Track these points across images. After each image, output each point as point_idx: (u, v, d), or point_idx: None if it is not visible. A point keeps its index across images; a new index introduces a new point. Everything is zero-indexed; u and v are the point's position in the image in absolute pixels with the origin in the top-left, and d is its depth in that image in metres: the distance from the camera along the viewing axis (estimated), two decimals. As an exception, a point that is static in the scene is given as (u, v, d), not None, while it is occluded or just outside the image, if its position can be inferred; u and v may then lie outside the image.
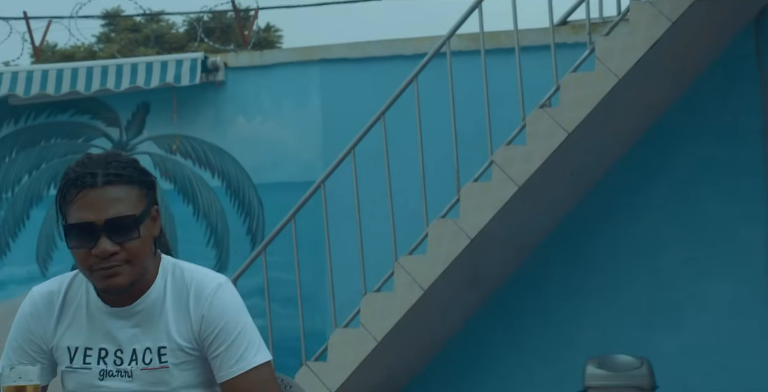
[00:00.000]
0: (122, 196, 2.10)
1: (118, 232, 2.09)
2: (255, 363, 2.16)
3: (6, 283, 7.10)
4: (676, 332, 6.12)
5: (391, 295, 5.74)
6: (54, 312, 2.20)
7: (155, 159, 7.04)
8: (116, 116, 7.16)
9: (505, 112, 5.96)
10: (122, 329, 2.16)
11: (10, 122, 7.28)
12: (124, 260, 2.10)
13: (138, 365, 2.16)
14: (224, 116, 6.97)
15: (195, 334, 2.16)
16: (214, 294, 2.17)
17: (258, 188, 6.86)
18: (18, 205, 7.24)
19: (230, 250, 6.86)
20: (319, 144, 6.72)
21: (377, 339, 5.71)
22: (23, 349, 2.21)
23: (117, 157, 2.15)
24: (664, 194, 6.25)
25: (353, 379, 5.75)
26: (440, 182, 6.03)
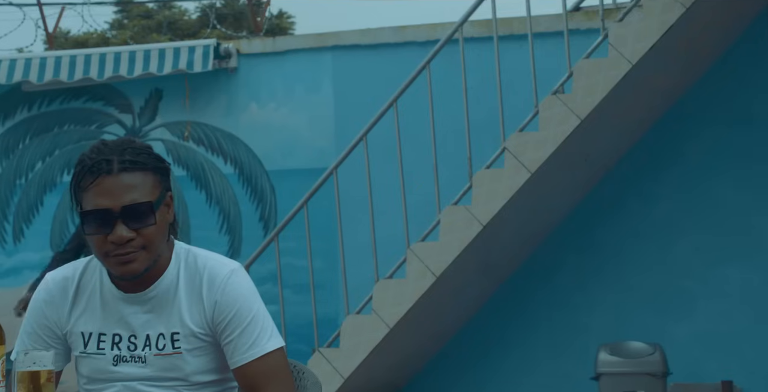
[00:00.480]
0: (138, 183, 2.11)
1: (134, 219, 2.10)
2: (268, 348, 2.17)
3: (20, 269, 7.13)
4: (689, 319, 6.11)
5: (404, 282, 5.75)
6: (68, 298, 2.22)
7: (168, 145, 7.06)
8: (129, 103, 7.17)
9: (518, 98, 5.95)
10: (136, 315, 2.17)
11: (24, 108, 7.30)
12: (140, 246, 2.11)
13: (151, 351, 2.17)
14: (237, 103, 6.98)
15: (208, 320, 2.17)
16: (227, 280, 2.18)
17: (270, 175, 6.87)
18: (32, 191, 7.27)
19: (243, 237, 6.88)
20: (331, 130, 6.72)
21: (389, 326, 5.72)
22: (38, 335, 2.22)
23: (132, 144, 2.16)
24: (677, 181, 6.23)
25: (365, 365, 5.77)
26: (453, 169, 6.02)
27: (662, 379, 5.38)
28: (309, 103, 6.83)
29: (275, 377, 2.16)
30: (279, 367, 2.18)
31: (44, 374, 1.85)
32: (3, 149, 7.31)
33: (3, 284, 6.71)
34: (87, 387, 2.23)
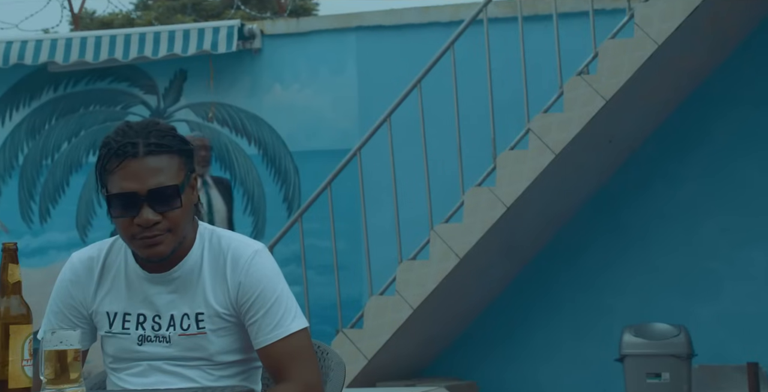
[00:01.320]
0: (163, 166, 2.12)
1: (160, 202, 2.10)
2: (292, 329, 2.18)
3: (46, 249, 7.19)
4: (714, 300, 6.09)
5: (427, 263, 5.75)
6: (93, 277, 2.23)
7: (192, 126, 7.07)
8: (154, 83, 7.19)
9: (543, 79, 5.92)
10: (160, 295, 2.19)
11: (50, 89, 7.34)
12: (166, 229, 2.12)
13: (176, 331, 2.18)
14: (261, 84, 6.98)
15: (232, 301, 2.18)
16: (250, 261, 2.19)
17: (294, 156, 6.87)
18: (58, 172, 7.31)
19: (267, 218, 6.90)
20: (355, 111, 6.72)
21: (413, 307, 5.73)
22: (63, 314, 2.24)
23: (156, 126, 2.16)
24: (702, 163, 6.20)
25: (389, 346, 5.78)
26: (476, 150, 6.01)
27: (687, 361, 5.37)
28: (333, 84, 6.82)
29: (299, 357, 2.17)
30: (303, 348, 2.19)
31: (71, 353, 1.87)
32: (29, 130, 7.36)
33: (29, 264, 6.76)
34: (112, 366, 2.24)
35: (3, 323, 1.80)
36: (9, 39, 7.25)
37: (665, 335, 5.43)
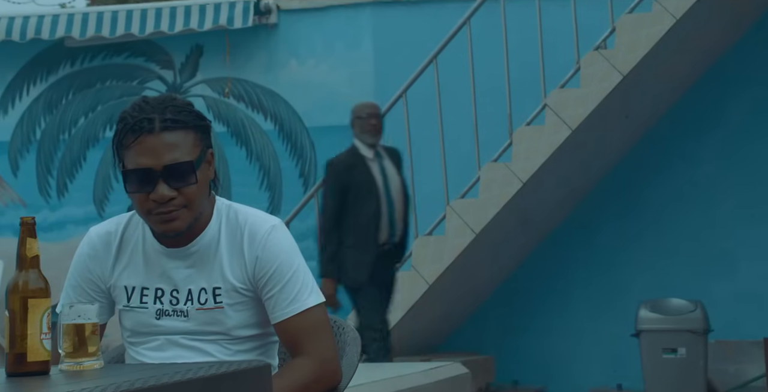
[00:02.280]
0: (179, 142, 2.12)
1: (175, 178, 2.11)
2: (308, 304, 2.19)
3: (64, 223, 7.23)
4: (730, 279, 6.08)
5: (443, 239, 5.76)
6: (111, 252, 2.24)
7: (209, 102, 7.08)
8: (170, 59, 7.19)
9: (560, 54, 5.89)
10: (177, 269, 2.20)
11: (67, 64, 7.35)
12: (181, 205, 2.13)
13: (193, 305, 2.19)
14: (277, 59, 6.97)
15: (249, 275, 2.19)
16: (267, 235, 2.19)
17: (310, 131, 6.87)
18: (75, 147, 7.34)
19: (283, 193, 6.91)
20: (371, 87, 6.70)
21: (429, 282, 5.74)
22: (82, 288, 2.25)
23: (173, 101, 2.16)
24: (718, 142, 6.16)
25: (405, 321, 5.80)
26: (492, 125, 6.00)
27: (703, 336, 5.37)
28: (349, 60, 6.80)
29: (315, 332, 2.18)
30: (319, 322, 2.20)
31: (89, 327, 1.88)
32: (46, 104, 7.38)
33: (47, 238, 6.79)
34: (131, 340, 2.26)
35: (21, 297, 1.82)
36: (26, 14, 7.26)
37: (681, 310, 5.43)
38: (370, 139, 5.22)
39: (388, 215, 5.14)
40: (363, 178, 5.13)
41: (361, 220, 5.09)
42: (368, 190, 5.11)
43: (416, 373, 4.77)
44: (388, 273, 5.22)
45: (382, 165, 5.22)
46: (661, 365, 5.37)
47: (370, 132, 5.20)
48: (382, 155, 5.27)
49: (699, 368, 5.34)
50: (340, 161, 5.20)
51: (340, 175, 5.13)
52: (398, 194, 5.21)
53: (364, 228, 5.08)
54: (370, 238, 5.09)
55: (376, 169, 5.18)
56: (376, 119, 5.24)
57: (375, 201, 5.11)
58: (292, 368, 2.17)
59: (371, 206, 5.10)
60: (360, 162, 5.17)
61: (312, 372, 2.15)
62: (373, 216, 5.09)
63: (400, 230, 5.21)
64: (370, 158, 5.20)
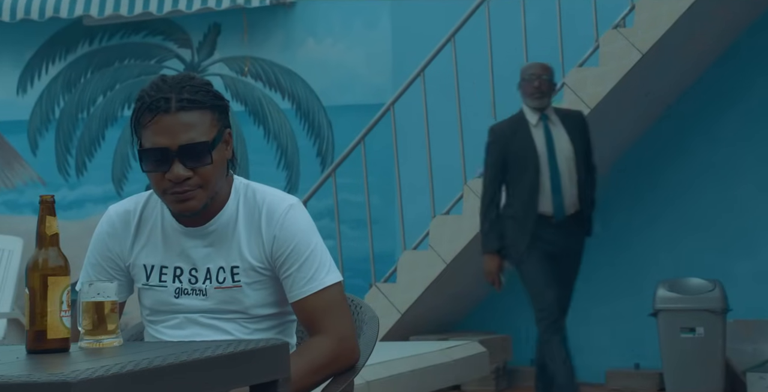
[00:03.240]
0: (195, 122, 2.12)
1: (191, 158, 2.11)
2: (326, 283, 2.19)
3: (83, 202, 7.26)
4: (751, 258, 6.05)
5: (460, 218, 5.76)
6: (130, 230, 2.25)
7: (226, 81, 7.08)
8: (188, 37, 7.19)
9: (578, 32, 5.86)
10: (196, 248, 2.20)
11: (85, 43, 7.36)
12: (197, 185, 2.13)
13: (212, 284, 2.20)
14: (294, 38, 6.96)
15: (267, 254, 2.20)
16: (285, 214, 2.20)
17: (328, 110, 6.87)
18: (93, 125, 7.36)
19: (300, 172, 6.92)
20: (389, 66, 6.69)
21: (446, 262, 5.74)
22: (101, 266, 2.27)
23: (191, 81, 2.16)
24: (739, 119, 6.12)
25: (422, 300, 5.81)
26: (511, 104, 5.97)
27: (722, 315, 5.36)
28: (366, 39, 6.79)
29: (333, 311, 2.19)
30: (337, 301, 2.20)
31: (108, 305, 1.89)
32: (65, 83, 7.39)
33: (66, 217, 6.83)
34: (149, 318, 2.27)
35: (41, 274, 1.83)
36: (44, -7, 7.26)
37: (700, 290, 5.42)
38: (534, 102, 4.77)
39: (552, 185, 4.72)
40: (522, 145, 4.72)
41: (520, 192, 4.71)
42: (527, 158, 4.71)
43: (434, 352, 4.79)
44: (559, 247, 4.76)
45: (548, 131, 4.76)
46: (679, 344, 5.36)
47: (532, 95, 4.77)
48: (551, 120, 4.80)
49: (717, 347, 5.34)
50: (500, 128, 4.82)
51: (498, 143, 4.75)
52: (568, 162, 4.76)
53: (523, 200, 4.70)
54: (529, 210, 4.70)
55: (539, 136, 4.75)
56: (539, 81, 4.77)
57: (534, 170, 4.70)
58: (309, 346, 2.18)
59: (530, 176, 4.70)
60: (522, 128, 4.75)
61: (330, 351, 2.16)
62: (532, 187, 4.69)
63: (572, 201, 4.75)
64: (534, 124, 4.77)
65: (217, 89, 2.20)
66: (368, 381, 4.04)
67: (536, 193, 4.70)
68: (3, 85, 7.42)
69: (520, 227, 4.71)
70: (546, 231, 4.72)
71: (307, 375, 2.13)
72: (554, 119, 4.81)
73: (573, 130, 4.81)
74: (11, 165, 7.42)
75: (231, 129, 2.21)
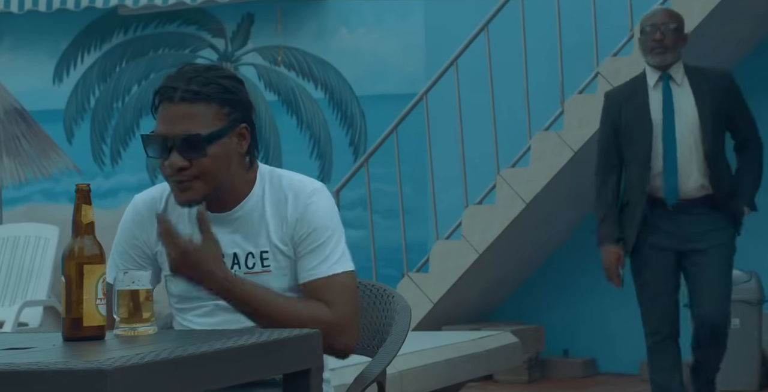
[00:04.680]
0: (196, 114, 2.14)
1: (185, 149, 2.14)
2: (335, 270, 2.19)
3: (117, 191, 7.31)
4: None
5: (493, 208, 5.74)
6: (156, 218, 2.26)
7: (260, 70, 7.10)
8: (221, 27, 7.21)
9: (612, 21, 5.81)
10: (221, 235, 2.21)
11: (120, 32, 7.40)
12: (194, 176, 2.15)
13: (241, 269, 2.21)
14: (327, 27, 6.96)
15: (289, 236, 2.21)
16: (310, 197, 2.21)
17: (360, 100, 6.87)
18: (128, 115, 7.40)
19: (333, 162, 6.92)
20: (421, 55, 6.67)
21: (478, 252, 5.74)
22: (128, 254, 2.28)
23: (207, 72, 2.16)
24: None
25: (454, 290, 5.81)
26: (544, 94, 5.95)
27: (757, 307, 5.32)
28: (399, 28, 6.77)
29: (339, 297, 2.17)
30: (345, 289, 2.19)
31: (143, 293, 1.91)
32: (100, 73, 7.44)
33: (101, 205, 6.88)
34: (178, 306, 2.28)
35: (77, 263, 1.85)
36: (79, -17, 7.31)
37: (735, 281, 5.35)
38: (655, 59, 3.89)
39: (666, 161, 3.85)
40: (636, 112, 3.90)
41: (632, 170, 3.92)
42: (640, 128, 3.87)
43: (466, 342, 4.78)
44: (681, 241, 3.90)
45: (667, 94, 3.89)
46: (712, 336, 5.32)
47: (653, 50, 3.88)
48: (674, 80, 3.92)
49: (753, 339, 5.30)
50: (615, 92, 4.07)
51: (610, 109, 3.96)
52: (691, 132, 3.86)
53: (633, 180, 3.90)
54: (639, 193, 3.87)
55: (656, 100, 3.90)
56: (661, 32, 3.87)
57: (645, 143, 3.85)
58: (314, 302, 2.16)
59: (641, 150, 3.86)
60: (639, 91, 3.92)
61: (326, 317, 2.13)
62: (642, 164, 3.86)
63: (695, 181, 3.87)
64: (652, 85, 3.92)
65: (236, 84, 2.17)
66: (400, 370, 4.05)
67: (647, 171, 3.85)
68: (39, 74, 7.48)
69: (631, 214, 3.91)
70: (660, 221, 3.88)
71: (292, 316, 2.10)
72: (681, 79, 3.92)
73: (707, 92, 3.88)
74: (47, 154, 7.49)
75: (249, 124, 2.19)
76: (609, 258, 4.01)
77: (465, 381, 4.76)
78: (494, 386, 5.86)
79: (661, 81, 3.93)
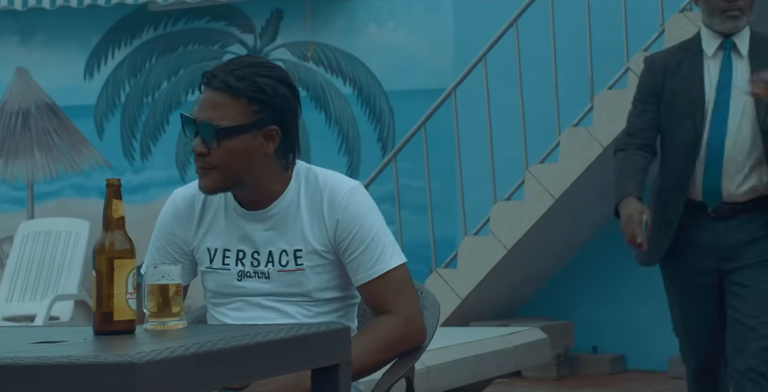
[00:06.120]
0: (222, 105, 2.15)
1: (204, 136, 2.17)
2: (392, 265, 2.20)
3: (147, 186, 7.35)
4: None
5: (522, 204, 5.73)
6: (195, 214, 2.28)
7: (288, 66, 7.11)
8: (251, 22, 7.23)
9: (643, 17, 5.78)
10: (257, 232, 2.22)
11: (150, 28, 7.44)
12: (211, 165, 2.16)
13: (274, 267, 2.22)
14: (356, 23, 6.96)
15: (330, 239, 2.21)
16: (348, 198, 2.21)
17: (389, 95, 6.87)
18: (158, 110, 7.44)
19: (361, 157, 6.93)
20: (450, 51, 6.66)
21: (507, 247, 5.72)
22: (166, 250, 2.30)
23: (250, 68, 2.17)
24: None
25: (483, 286, 5.80)
26: (573, 89, 5.92)
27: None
28: (428, 23, 6.77)
29: (400, 292, 2.20)
30: (403, 283, 2.22)
31: (173, 287, 1.92)
32: (131, 68, 7.48)
33: (131, 200, 6.92)
34: (213, 300, 2.30)
35: (108, 257, 1.86)
36: (110, -21, 7.35)
37: None
38: (726, 23, 3.03)
39: (709, 151, 2.98)
40: (685, 84, 3.01)
41: (672, 156, 3.05)
42: (689, 104, 2.99)
43: (494, 338, 4.78)
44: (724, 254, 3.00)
45: (729, 67, 3.01)
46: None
47: (724, 13, 3.01)
48: (740, 52, 3.03)
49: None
50: (659, 56, 3.17)
51: (652, 74, 3.07)
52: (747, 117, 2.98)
53: (671, 171, 3.05)
54: (677, 188, 3.01)
55: (712, 72, 3.02)
56: None
57: (692, 123, 2.99)
58: (377, 325, 2.19)
59: (686, 132, 2.99)
60: (690, 59, 3.04)
61: (397, 330, 2.17)
62: (686, 150, 2.99)
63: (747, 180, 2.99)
64: (710, 55, 3.04)
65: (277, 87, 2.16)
66: (428, 366, 4.05)
67: (690, 164, 2.99)
68: (70, 70, 7.53)
69: (661, 214, 3.03)
70: (699, 227, 3.01)
71: (373, 353, 2.14)
72: (744, 50, 3.04)
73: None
74: (78, 149, 7.54)
75: (283, 128, 2.18)
76: (631, 210, 2.96)
77: (493, 378, 4.76)
78: (522, 382, 5.85)
79: (721, 50, 3.02)
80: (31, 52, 7.59)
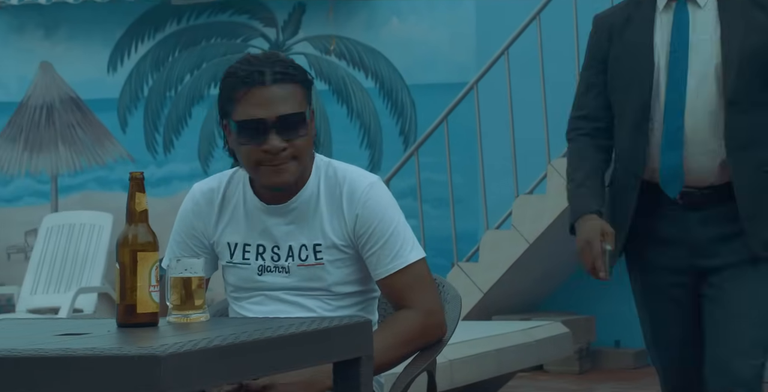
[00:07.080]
0: (289, 94, 2.15)
1: (287, 129, 2.14)
2: (411, 259, 2.21)
3: (170, 179, 7.38)
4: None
5: (544, 197, 5.72)
6: (214, 208, 2.28)
7: (310, 59, 7.11)
8: (273, 16, 7.24)
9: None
10: (278, 226, 2.22)
11: (173, 22, 7.46)
12: (291, 156, 2.16)
13: (294, 261, 2.22)
14: (378, 16, 6.95)
15: (349, 233, 2.21)
16: (367, 193, 2.21)
17: (411, 89, 6.86)
18: (181, 104, 7.47)
19: (383, 151, 6.93)
20: (472, 44, 6.65)
21: (529, 241, 5.71)
22: (186, 244, 2.30)
23: (278, 57, 2.20)
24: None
25: (504, 280, 5.80)
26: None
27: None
28: (450, 17, 6.75)
29: (419, 286, 2.21)
30: (423, 276, 2.22)
31: (195, 280, 1.93)
32: (154, 62, 7.51)
33: (154, 194, 6.95)
34: (233, 294, 2.31)
35: (131, 250, 1.87)
36: (133, -27, 7.38)
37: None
38: None
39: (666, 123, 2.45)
40: (629, 43, 2.52)
41: (622, 132, 2.54)
42: (634, 68, 2.50)
43: (516, 332, 4.78)
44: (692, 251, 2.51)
45: (684, 20, 2.48)
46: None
47: None
48: (697, 1, 2.48)
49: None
50: (605, 14, 2.65)
51: (597, 38, 2.60)
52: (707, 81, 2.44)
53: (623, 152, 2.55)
54: (630, 171, 2.52)
55: (664, 30, 2.50)
56: None
57: (640, 91, 2.48)
58: (397, 319, 2.20)
59: (635, 101, 2.49)
60: (640, 14, 2.53)
61: (417, 323, 2.18)
62: (636, 124, 2.49)
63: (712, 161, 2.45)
64: (662, 8, 2.51)
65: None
66: (450, 359, 4.06)
67: (642, 136, 2.48)
68: (94, 63, 7.57)
69: (618, 204, 2.56)
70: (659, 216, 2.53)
71: (394, 347, 2.15)
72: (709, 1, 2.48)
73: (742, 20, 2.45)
74: (102, 142, 7.58)
75: (314, 108, 2.23)
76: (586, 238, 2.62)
77: (515, 371, 4.76)
78: (544, 376, 5.84)
79: (674, 1, 2.50)
80: (55, 45, 7.63)
